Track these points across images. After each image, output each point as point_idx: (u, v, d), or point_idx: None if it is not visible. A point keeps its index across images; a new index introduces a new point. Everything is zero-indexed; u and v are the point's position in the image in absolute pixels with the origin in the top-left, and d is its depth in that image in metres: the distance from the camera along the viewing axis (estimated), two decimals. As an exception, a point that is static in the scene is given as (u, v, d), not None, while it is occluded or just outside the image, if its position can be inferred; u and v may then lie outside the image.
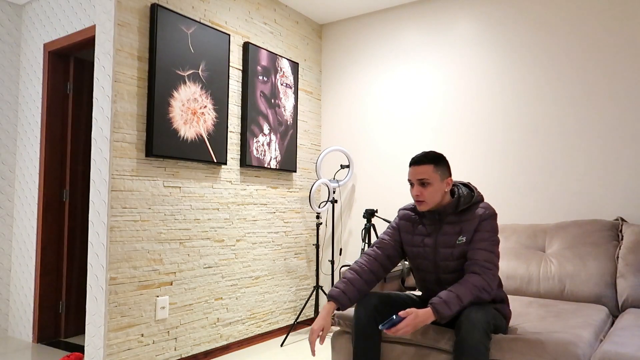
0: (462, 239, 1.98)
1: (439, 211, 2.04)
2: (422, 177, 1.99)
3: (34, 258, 3.61)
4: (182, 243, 2.97)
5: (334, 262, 4.01)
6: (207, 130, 3.10)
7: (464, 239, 1.98)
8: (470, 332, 1.79)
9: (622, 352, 1.67)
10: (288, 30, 3.91)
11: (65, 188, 3.69)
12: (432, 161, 1.99)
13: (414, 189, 2.02)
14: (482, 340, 1.78)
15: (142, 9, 2.78)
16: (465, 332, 1.80)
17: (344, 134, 4.12)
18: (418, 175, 2.00)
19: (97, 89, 2.70)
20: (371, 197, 3.94)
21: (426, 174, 1.98)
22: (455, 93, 3.56)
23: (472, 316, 1.83)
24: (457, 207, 2.02)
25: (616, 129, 2.98)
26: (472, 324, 1.80)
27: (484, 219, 1.97)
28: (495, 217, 2.00)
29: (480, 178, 3.43)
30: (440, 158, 2.02)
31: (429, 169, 1.98)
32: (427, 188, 1.99)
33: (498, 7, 3.42)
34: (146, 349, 2.76)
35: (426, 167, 1.99)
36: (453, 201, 2.02)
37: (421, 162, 2.00)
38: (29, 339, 3.58)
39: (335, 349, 2.30)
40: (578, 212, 3.07)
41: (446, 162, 2.04)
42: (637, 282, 2.46)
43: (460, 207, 2.01)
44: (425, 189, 1.99)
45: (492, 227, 1.97)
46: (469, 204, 2.01)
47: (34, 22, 3.78)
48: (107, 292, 2.57)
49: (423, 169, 1.99)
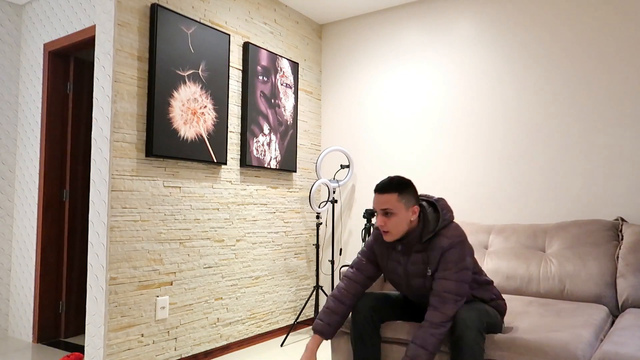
0: (429, 270, 1.92)
1: (405, 242, 1.96)
2: (386, 206, 1.88)
3: (34, 258, 3.61)
4: (182, 243, 2.97)
5: (334, 262, 4.01)
6: (207, 130, 3.10)
7: (430, 270, 1.91)
8: (463, 331, 1.80)
9: (622, 352, 1.67)
10: (288, 30, 3.91)
11: (65, 188, 3.69)
12: (396, 189, 1.88)
13: (377, 219, 1.92)
14: (476, 339, 1.79)
15: (142, 9, 2.78)
16: (459, 332, 1.81)
17: (344, 134, 4.12)
18: (381, 204, 1.89)
19: (97, 89, 2.70)
20: (371, 197, 3.94)
21: (389, 203, 1.88)
22: (455, 93, 3.56)
23: (464, 316, 1.84)
24: (421, 238, 1.93)
25: (616, 129, 2.98)
26: (465, 324, 1.81)
27: (446, 250, 1.87)
28: (462, 243, 1.89)
29: (480, 178, 3.43)
30: (405, 185, 1.91)
31: (393, 198, 1.88)
32: (391, 218, 1.89)
33: (498, 7, 3.42)
34: (146, 349, 2.76)
35: (390, 196, 1.88)
36: (417, 230, 1.92)
37: (385, 191, 1.89)
38: (29, 339, 3.58)
39: (334, 350, 2.30)
40: (578, 212, 3.07)
41: (412, 189, 1.93)
42: (637, 282, 2.46)
43: (425, 238, 1.92)
44: (389, 219, 1.89)
45: (457, 256, 1.87)
46: (434, 232, 1.91)
47: (34, 22, 3.78)
48: (107, 292, 2.57)
49: (386, 198, 1.88)
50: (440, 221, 1.92)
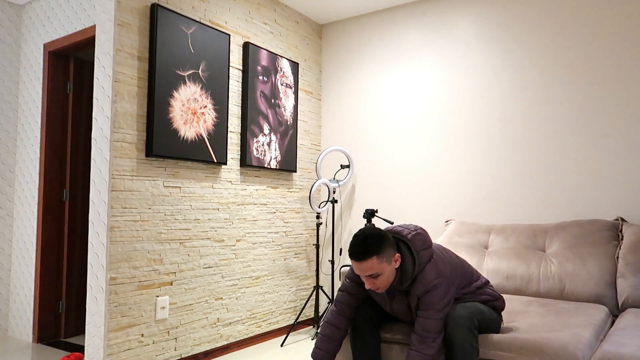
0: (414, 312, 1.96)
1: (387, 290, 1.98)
2: (370, 273, 1.82)
3: (34, 258, 3.61)
4: (182, 243, 2.97)
5: (334, 262, 4.01)
6: (207, 130, 3.10)
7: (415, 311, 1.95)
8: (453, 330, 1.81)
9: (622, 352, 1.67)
10: (288, 30, 3.91)
11: (65, 188, 3.69)
12: (373, 252, 1.80)
13: (365, 282, 1.87)
14: (467, 337, 1.79)
15: (142, 9, 2.78)
16: (450, 330, 1.83)
17: (344, 134, 4.12)
18: (365, 272, 1.82)
19: (97, 89, 2.70)
20: (371, 197, 3.94)
21: (373, 269, 1.81)
22: (455, 93, 3.56)
23: (454, 315, 1.85)
24: (401, 284, 1.92)
25: (617, 129, 2.98)
26: (455, 322, 1.82)
27: (423, 294, 1.87)
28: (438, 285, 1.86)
29: (480, 178, 3.43)
30: (380, 242, 1.81)
31: (374, 263, 1.80)
32: (379, 278, 1.84)
33: (498, 8, 3.42)
34: (146, 349, 2.76)
35: (370, 262, 1.80)
36: (396, 278, 1.90)
37: (363, 258, 1.80)
38: (29, 339, 3.57)
39: (335, 349, 2.30)
40: (578, 212, 3.07)
41: (386, 239, 1.84)
42: (637, 282, 2.46)
43: (405, 285, 1.91)
44: (377, 280, 1.84)
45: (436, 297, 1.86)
46: (412, 279, 1.89)
47: (34, 22, 3.78)
48: (107, 292, 2.57)
49: (368, 265, 1.81)
50: (417, 266, 1.88)
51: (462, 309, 1.87)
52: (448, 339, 1.81)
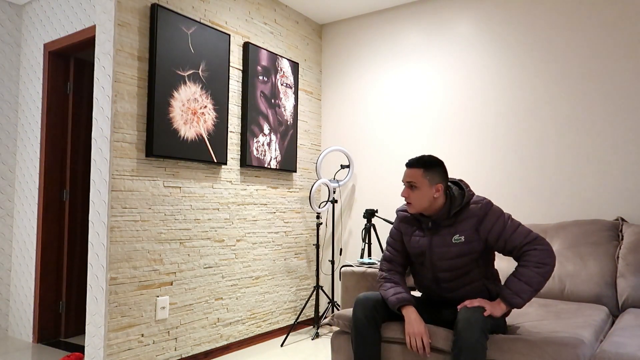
0: (459, 238, 2.00)
1: (432, 218, 2.06)
2: (411, 180, 2.02)
3: (34, 258, 3.61)
4: (182, 243, 2.97)
5: (334, 262, 4.01)
6: (207, 130, 3.10)
7: (462, 238, 1.99)
8: (467, 331, 1.79)
9: (622, 352, 1.67)
10: (288, 30, 3.91)
11: (65, 188, 3.69)
12: (423, 165, 2.01)
13: (403, 190, 2.07)
14: (479, 339, 1.78)
15: (142, 9, 2.78)
16: (462, 331, 1.80)
17: (344, 134, 4.12)
18: (407, 177, 2.03)
19: (97, 89, 2.70)
20: (371, 197, 3.94)
21: (415, 177, 2.01)
22: (456, 93, 3.56)
23: (469, 315, 1.83)
24: (449, 212, 2.03)
25: (616, 129, 2.98)
26: (469, 323, 1.81)
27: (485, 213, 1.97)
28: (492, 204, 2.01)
29: (481, 178, 3.43)
30: (433, 163, 2.02)
31: (418, 173, 2.01)
32: (415, 191, 2.02)
33: (497, 8, 3.42)
34: (146, 349, 2.76)
35: (416, 171, 2.01)
36: (445, 206, 2.03)
37: (412, 166, 2.03)
38: (29, 339, 3.58)
39: (335, 349, 2.30)
40: (578, 212, 3.07)
41: (440, 168, 2.03)
42: (637, 282, 2.46)
43: (453, 212, 2.02)
44: (412, 192, 2.02)
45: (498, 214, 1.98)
46: (461, 206, 2.02)
47: (34, 22, 3.78)
48: (107, 292, 2.57)
49: (413, 172, 2.02)
50: (466, 196, 2.03)
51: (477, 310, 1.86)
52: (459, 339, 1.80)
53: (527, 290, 1.88)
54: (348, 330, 2.26)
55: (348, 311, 2.26)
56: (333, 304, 3.76)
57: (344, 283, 2.78)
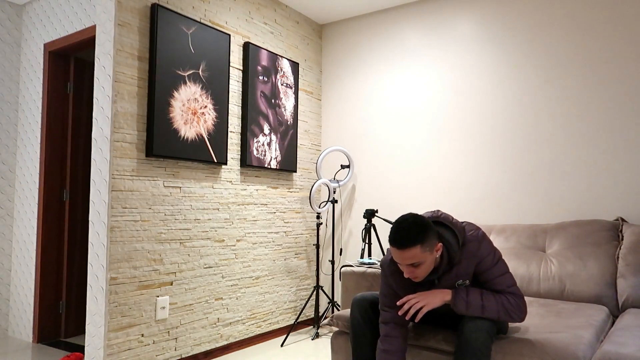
0: (461, 282, 1.89)
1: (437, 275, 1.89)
2: (412, 261, 1.74)
3: (34, 258, 3.61)
4: (182, 243, 2.97)
5: (334, 262, 4.01)
6: (207, 130, 3.10)
7: (467, 281, 1.89)
8: (474, 333, 1.78)
9: (623, 352, 1.67)
10: (288, 30, 3.91)
11: (65, 188, 3.69)
12: (417, 241, 1.71)
13: (405, 270, 1.79)
14: (485, 343, 1.77)
15: (142, 9, 2.78)
16: (469, 333, 1.79)
17: (344, 134, 4.12)
18: (407, 260, 1.74)
19: (97, 89, 2.70)
20: (371, 197, 3.94)
21: (415, 257, 1.73)
22: (455, 93, 3.56)
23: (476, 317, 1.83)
24: (451, 261, 1.86)
25: (617, 129, 2.98)
26: (477, 326, 1.79)
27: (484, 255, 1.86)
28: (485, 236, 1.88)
29: (481, 178, 3.43)
30: (424, 230, 1.73)
31: (417, 251, 1.72)
32: (420, 267, 1.77)
33: (498, 7, 3.42)
34: (146, 349, 2.76)
35: (413, 251, 1.72)
36: (444, 261, 1.85)
37: (406, 246, 1.72)
38: (29, 339, 3.57)
39: (334, 349, 2.30)
40: (578, 212, 3.07)
41: (430, 228, 1.75)
42: (637, 282, 2.46)
43: (455, 261, 1.86)
44: (417, 269, 1.78)
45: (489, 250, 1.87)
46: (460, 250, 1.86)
47: (34, 22, 3.78)
48: (108, 292, 2.57)
49: (410, 254, 1.73)
50: (459, 237, 1.85)
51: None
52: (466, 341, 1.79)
53: (477, 309, 1.81)
54: (347, 330, 2.26)
55: (347, 312, 2.27)
56: (333, 304, 3.76)
57: (344, 283, 2.79)
